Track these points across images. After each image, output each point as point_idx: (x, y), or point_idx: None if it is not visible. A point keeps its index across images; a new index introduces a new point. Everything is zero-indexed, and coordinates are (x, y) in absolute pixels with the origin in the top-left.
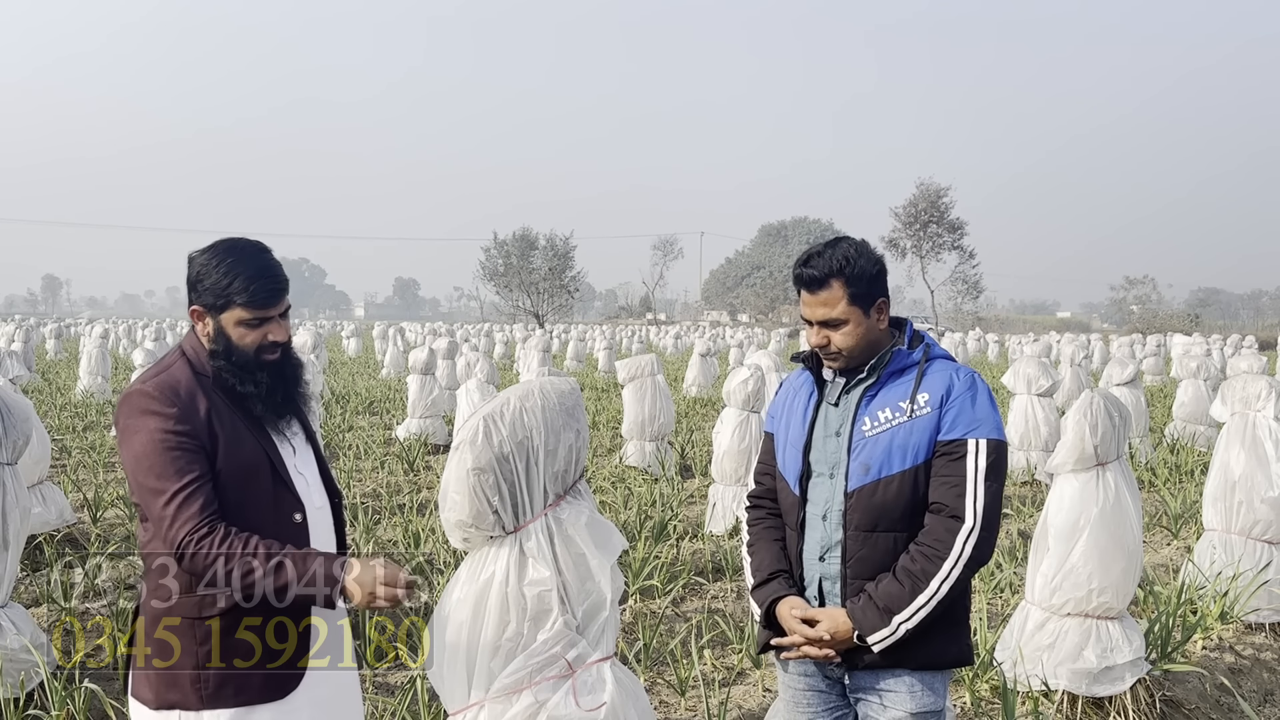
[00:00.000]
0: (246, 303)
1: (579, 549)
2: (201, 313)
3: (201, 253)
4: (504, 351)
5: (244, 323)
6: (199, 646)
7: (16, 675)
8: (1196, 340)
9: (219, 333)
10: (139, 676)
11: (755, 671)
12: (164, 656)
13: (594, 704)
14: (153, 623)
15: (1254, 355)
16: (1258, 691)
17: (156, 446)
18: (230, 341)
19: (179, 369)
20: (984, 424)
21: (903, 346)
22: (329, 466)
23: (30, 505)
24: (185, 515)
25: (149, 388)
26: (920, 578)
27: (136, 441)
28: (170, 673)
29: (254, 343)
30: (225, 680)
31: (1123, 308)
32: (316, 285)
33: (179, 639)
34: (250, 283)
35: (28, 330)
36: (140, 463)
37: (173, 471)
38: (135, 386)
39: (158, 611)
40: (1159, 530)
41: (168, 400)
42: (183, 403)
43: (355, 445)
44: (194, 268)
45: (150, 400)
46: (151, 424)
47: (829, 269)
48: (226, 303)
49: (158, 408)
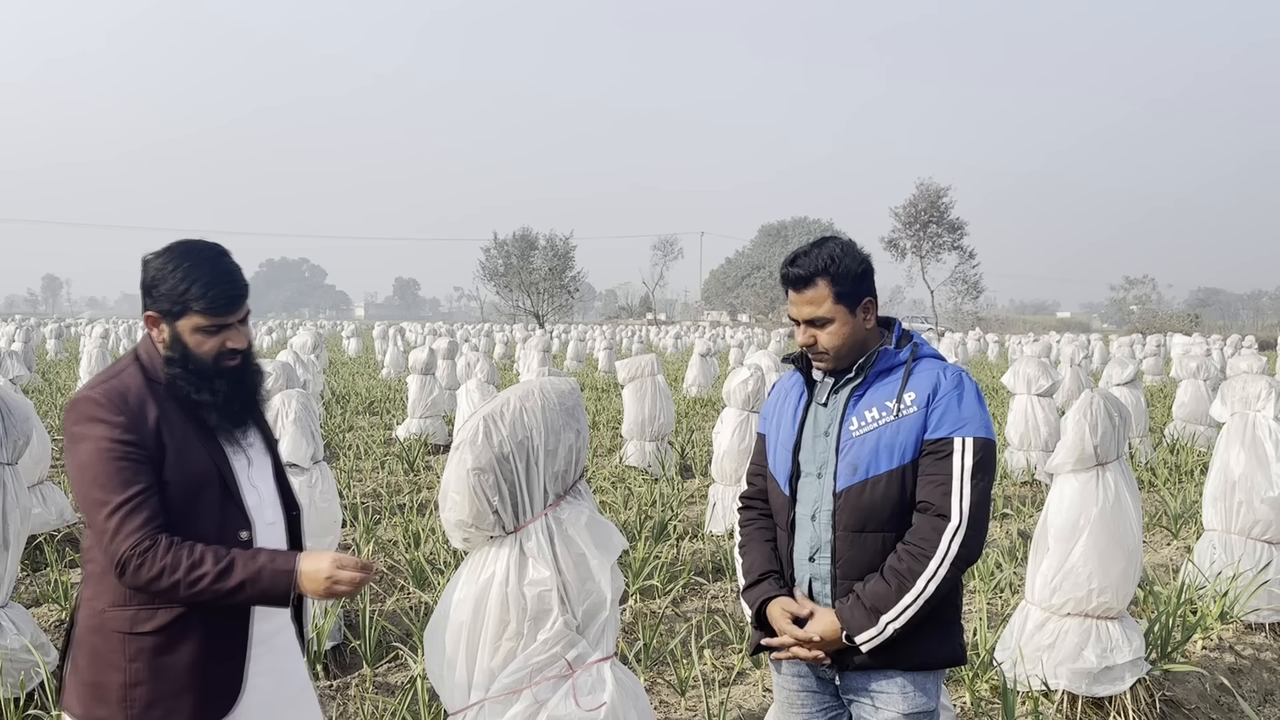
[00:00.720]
0: (204, 309)
1: (579, 549)
2: (156, 319)
3: (156, 256)
4: (504, 351)
5: (201, 329)
6: (129, 662)
7: (17, 675)
8: (1196, 340)
9: (175, 340)
10: (70, 687)
11: (755, 671)
12: (93, 669)
13: (594, 704)
14: (86, 633)
15: (1254, 355)
16: (1258, 691)
17: (102, 456)
18: (187, 349)
19: (130, 375)
20: (970, 422)
21: (890, 346)
22: (288, 478)
23: (30, 505)
24: (128, 529)
25: (96, 394)
26: (907, 577)
27: (82, 450)
28: (99, 687)
29: (212, 350)
30: (154, 700)
31: (1123, 308)
32: (316, 285)
33: (110, 652)
34: (208, 289)
35: (28, 330)
36: (85, 472)
37: (118, 483)
38: (83, 393)
39: (91, 623)
40: (1159, 530)
41: (115, 408)
42: (131, 410)
43: (355, 445)
44: (148, 272)
45: (97, 407)
46: (98, 432)
47: (814, 268)
48: (183, 309)
49: (104, 415)
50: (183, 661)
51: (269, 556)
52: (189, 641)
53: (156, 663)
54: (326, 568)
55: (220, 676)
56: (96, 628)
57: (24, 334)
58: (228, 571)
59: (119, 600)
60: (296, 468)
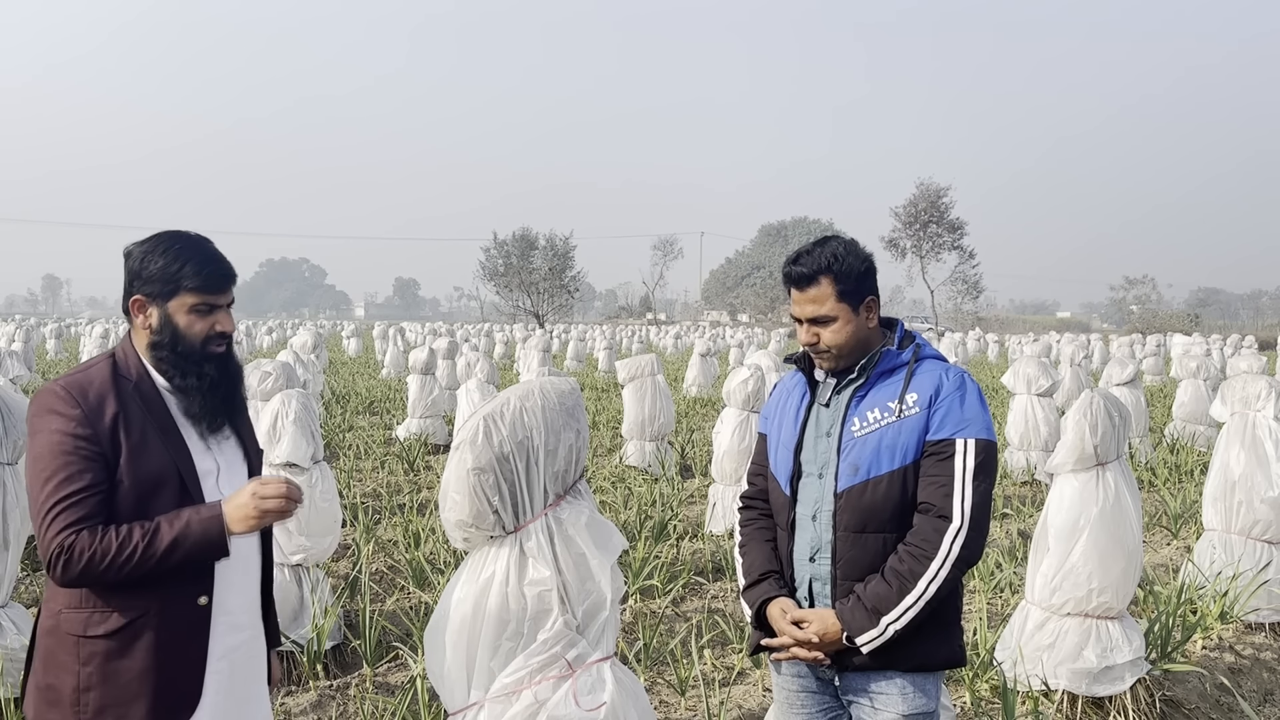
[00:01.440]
0: (198, 287)
1: (579, 549)
2: (144, 303)
3: (141, 243)
4: (504, 351)
5: (194, 309)
6: (81, 666)
7: (17, 675)
8: (1196, 340)
9: (165, 322)
10: (30, 691)
11: (755, 671)
12: (48, 672)
13: (594, 704)
14: (42, 635)
15: (1254, 355)
16: (1258, 691)
17: (53, 449)
18: (177, 330)
19: (98, 370)
20: (972, 424)
21: (892, 347)
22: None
23: None
24: (58, 526)
25: (57, 386)
26: (908, 578)
27: (36, 443)
28: (52, 690)
29: (202, 332)
30: (106, 705)
31: (1122, 308)
32: (316, 285)
33: (64, 655)
34: (202, 267)
35: (28, 330)
36: (34, 464)
37: (61, 479)
38: (47, 385)
39: (47, 624)
40: (1159, 530)
41: (72, 401)
42: (89, 405)
43: (355, 445)
44: (134, 258)
45: (56, 400)
46: (53, 424)
47: (817, 266)
48: (175, 289)
49: (61, 408)
50: (136, 667)
51: (192, 510)
52: (142, 647)
53: (109, 667)
54: (247, 497)
55: (174, 686)
56: (51, 630)
57: (24, 334)
58: (154, 535)
59: (73, 603)
60: (296, 468)
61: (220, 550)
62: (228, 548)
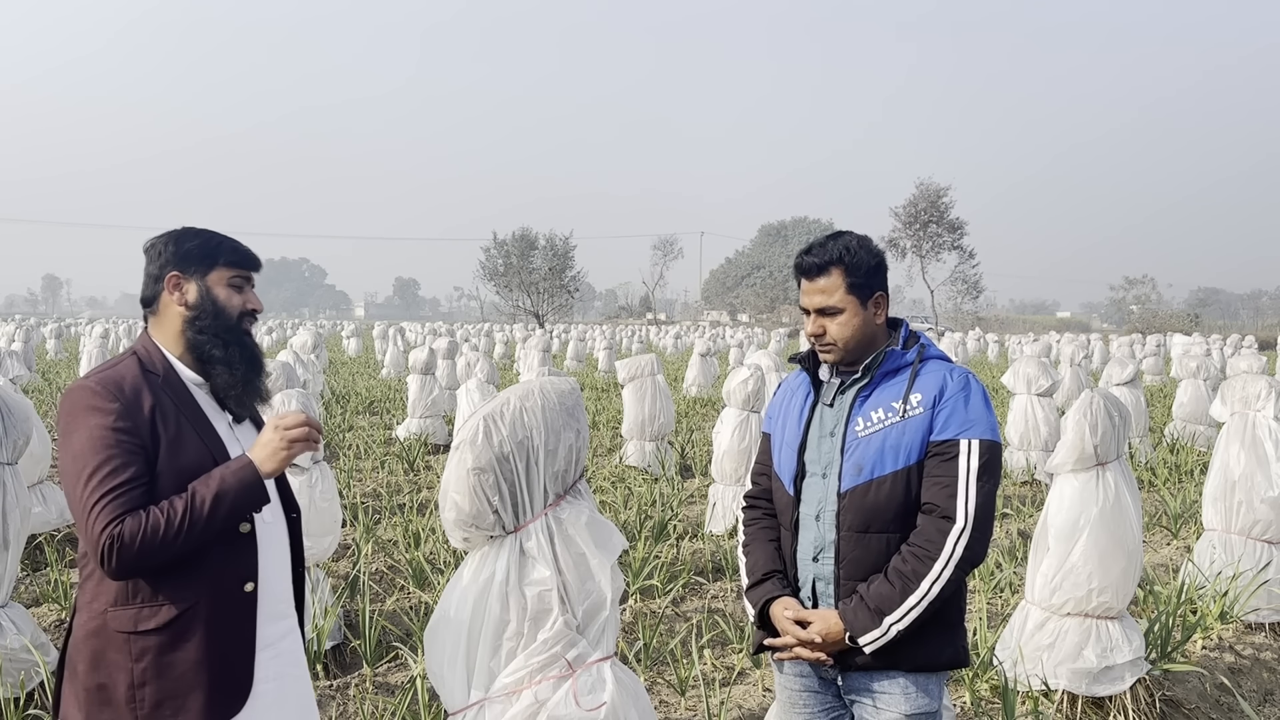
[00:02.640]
0: (235, 261)
1: (579, 549)
2: (180, 279)
3: (164, 234)
4: (504, 351)
5: (230, 283)
6: (134, 663)
7: (17, 675)
8: (1196, 340)
9: (204, 295)
10: (68, 697)
11: (755, 671)
12: (95, 673)
13: (594, 704)
14: (85, 637)
15: (1254, 355)
16: (1258, 691)
17: (95, 444)
18: (218, 303)
19: (126, 366)
20: (977, 424)
21: (897, 347)
22: (288, 480)
23: (30, 505)
24: (108, 517)
25: (92, 383)
26: (911, 578)
27: (76, 440)
28: (104, 690)
29: (238, 306)
30: (163, 699)
31: (1122, 308)
32: (316, 285)
33: (114, 654)
34: (235, 244)
35: (28, 330)
36: (76, 461)
37: (106, 471)
38: (78, 382)
39: (91, 626)
40: (1159, 530)
41: (110, 395)
42: (126, 399)
43: (355, 445)
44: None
45: (93, 395)
46: (92, 419)
47: (829, 257)
48: (213, 262)
49: (99, 403)
50: (190, 658)
51: (221, 467)
52: (195, 638)
53: (163, 661)
54: (270, 433)
55: (230, 675)
56: (97, 630)
57: (24, 334)
58: (194, 499)
59: (120, 600)
60: (296, 468)
61: (260, 494)
62: (266, 492)
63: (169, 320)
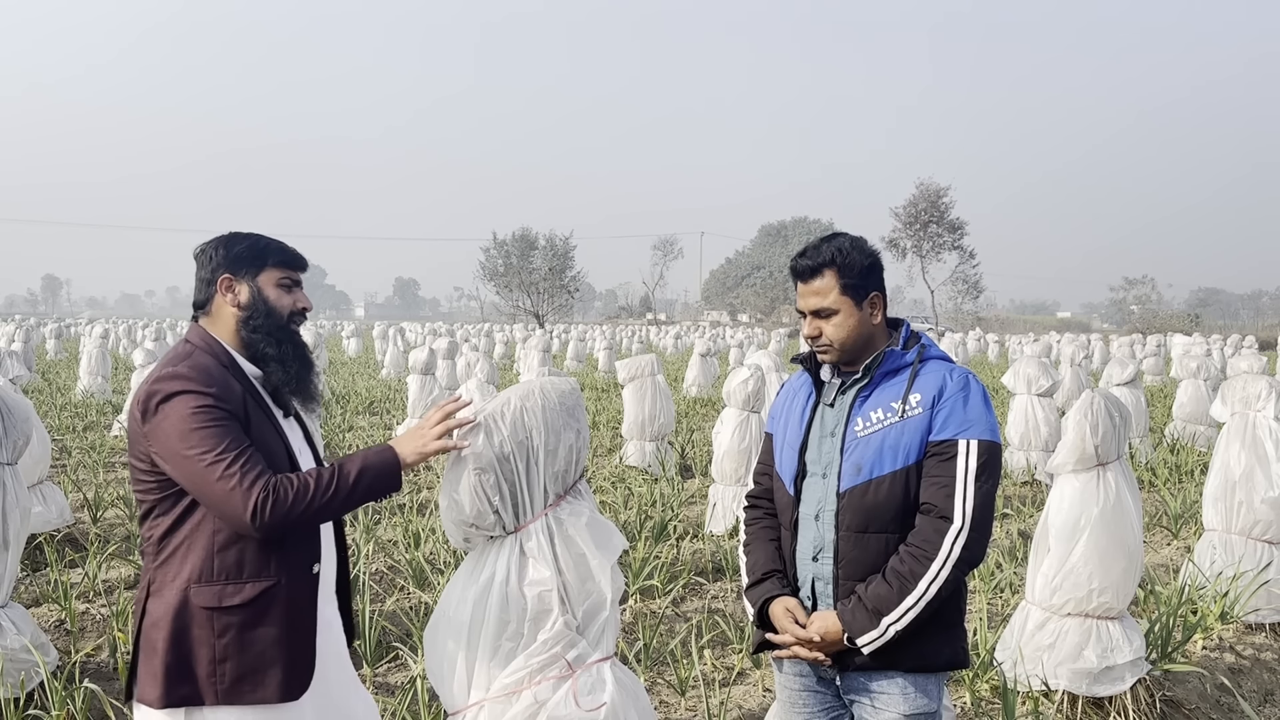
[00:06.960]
0: (283, 261)
1: (579, 549)
2: (232, 281)
3: (211, 240)
4: (504, 351)
5: (280, 283)
6: (217, 639)
7: (16, 675)
8: (1196, 340)
9: (256, 295)
10: (145, 675)
11: (755, 671)
12: (177, 649)
13: (594, 704)
14: (164, 615)
15: (1254, 355)
16: (1258, 691)
17: (204, 421)
18: (270, 303)
19: (200, 357)
20: (976, 425)
21: (897, 347)
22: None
23: (30, 505)
24: (253, 475)
25: (182, 369)
26: (908, 579)
27: (180, 422)
28: (185, 665)
29: (288, 306)
30: (243, 674)
31: (1123, 308)
32: (316, 285)
33: (197, 629)
34: (282, 246)
35: (28, 330)
36: (188, 439)
37: (229, 440)
38: (164, 372)
39: (172, 602)
40: (1159, 530)
41: (204, 380)
42: (219, 383)
43: (355, 445)
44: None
45: (187, 381)
46: (194, 403)
47: (822, 259)
48: (263, 263)
49: (197, 387)
50: (270, 635)
51: (363, 451)
52: (275, 615)
53: (245, 637)
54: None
55: (301, 652)
56: (178, 606)
57: (24, 334)
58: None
59: (205, 577)
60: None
61: (396, 479)
62: (401, 479)
63: (223, 321)
